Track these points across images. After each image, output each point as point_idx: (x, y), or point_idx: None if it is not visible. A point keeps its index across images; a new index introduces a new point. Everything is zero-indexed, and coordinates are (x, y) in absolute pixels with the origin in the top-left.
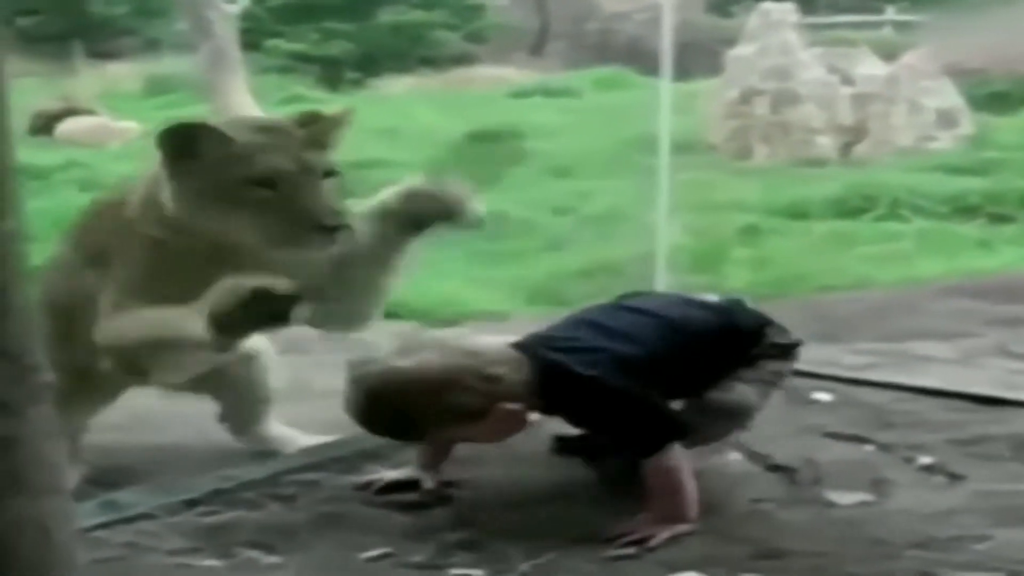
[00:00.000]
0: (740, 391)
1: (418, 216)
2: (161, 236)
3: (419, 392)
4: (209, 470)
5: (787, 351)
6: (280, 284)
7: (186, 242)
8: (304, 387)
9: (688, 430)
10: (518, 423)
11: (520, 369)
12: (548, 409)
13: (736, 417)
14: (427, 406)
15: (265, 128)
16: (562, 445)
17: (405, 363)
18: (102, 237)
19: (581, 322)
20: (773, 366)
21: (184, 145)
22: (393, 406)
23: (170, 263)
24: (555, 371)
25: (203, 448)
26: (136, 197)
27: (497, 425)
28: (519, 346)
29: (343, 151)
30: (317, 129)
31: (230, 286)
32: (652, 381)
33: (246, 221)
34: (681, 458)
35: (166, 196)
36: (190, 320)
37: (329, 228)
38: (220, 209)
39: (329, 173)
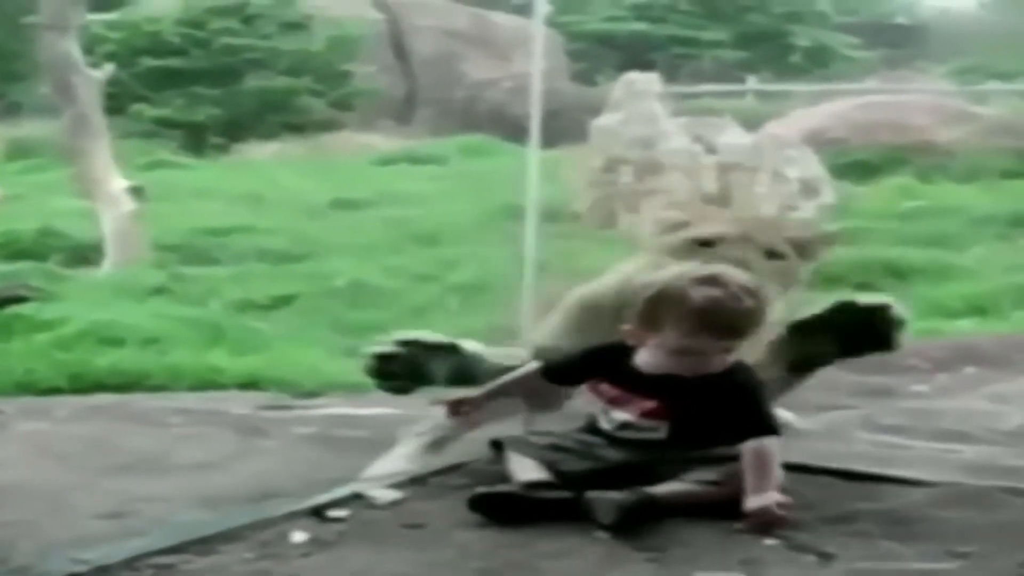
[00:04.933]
0: None
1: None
2: None
3: None
4: (62, 551)
5: None
6: None
7: None
8: (165, 459)
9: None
10: None
11: None
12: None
13: None
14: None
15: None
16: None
17: None
18: None
19: None
20: None
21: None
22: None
23: None
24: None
25: (57, 526)
26: None
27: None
28: None
29: (203, 218)
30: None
31: None
32: None
33: None
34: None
35: None
36: None
37: None
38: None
39: (773, 255)
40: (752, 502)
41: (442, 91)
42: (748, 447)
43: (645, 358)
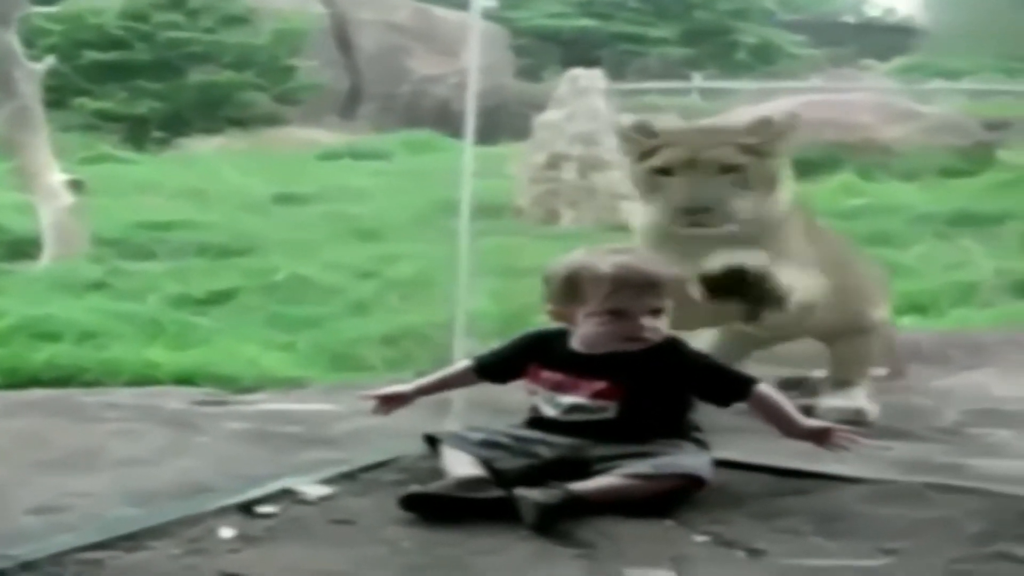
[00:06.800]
0: None
1: None
2: None
3: None
4: None
5: None
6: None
7: None
8: (99, 455)
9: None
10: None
11: None
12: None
13: None
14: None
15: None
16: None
17: None
18: None
19: None
20: None
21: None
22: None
23: None
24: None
25: None
26: None
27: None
28: None
29: (144, 212)
30: (758, 133)
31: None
32: None
33: (657, 204)
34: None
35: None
36: None
37: (688, 213)
38: (648, 192)
39: (728, 168)
40: (803, 426)
41: (386, 86)
42: (755, 402)
43: (583, 339)
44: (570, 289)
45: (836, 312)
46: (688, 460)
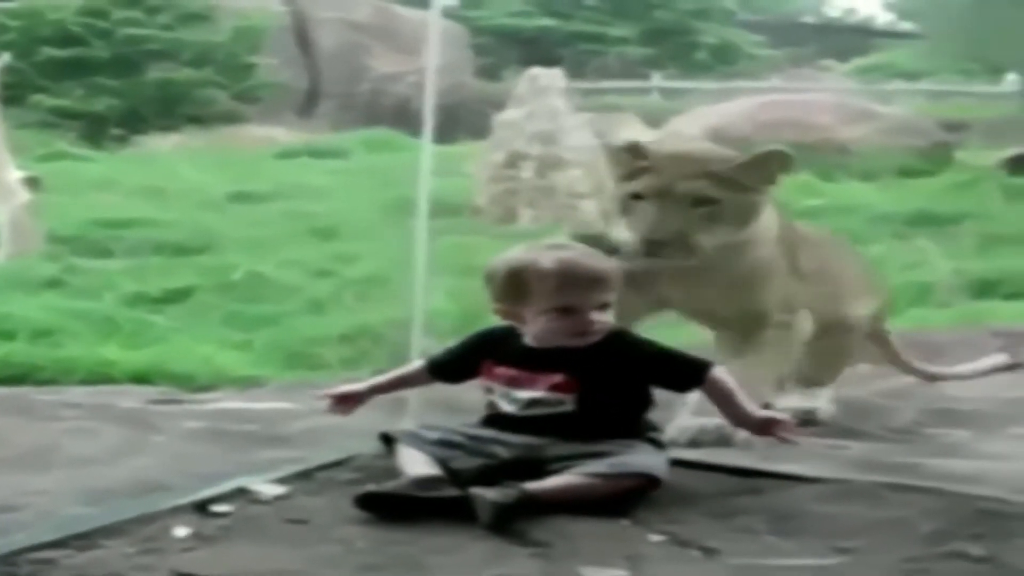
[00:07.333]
0: None
1: None
2: None
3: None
4: None
5: None
6: None
7: None
8: (53, 454)
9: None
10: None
11: None
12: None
13: None
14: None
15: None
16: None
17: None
18: None
19: None
20: None
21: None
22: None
23: None
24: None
25: None
26: None
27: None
28: None
29: (101, 210)
30: (743, 165)
31: None
32: None
33: (628, 230)
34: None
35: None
36: None
37: (647, 244)
38: (622, 215)
39: (700, 202)
40: (751, 416)
41: (346, 84)
42: (709, 387)
43: (534, 336)
44: (515, 287)
45: (815, 315)
46: (644, 459)
